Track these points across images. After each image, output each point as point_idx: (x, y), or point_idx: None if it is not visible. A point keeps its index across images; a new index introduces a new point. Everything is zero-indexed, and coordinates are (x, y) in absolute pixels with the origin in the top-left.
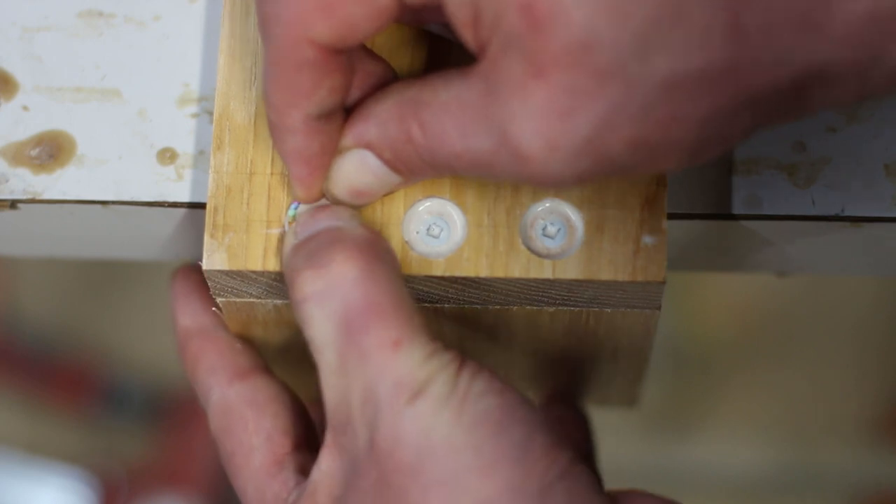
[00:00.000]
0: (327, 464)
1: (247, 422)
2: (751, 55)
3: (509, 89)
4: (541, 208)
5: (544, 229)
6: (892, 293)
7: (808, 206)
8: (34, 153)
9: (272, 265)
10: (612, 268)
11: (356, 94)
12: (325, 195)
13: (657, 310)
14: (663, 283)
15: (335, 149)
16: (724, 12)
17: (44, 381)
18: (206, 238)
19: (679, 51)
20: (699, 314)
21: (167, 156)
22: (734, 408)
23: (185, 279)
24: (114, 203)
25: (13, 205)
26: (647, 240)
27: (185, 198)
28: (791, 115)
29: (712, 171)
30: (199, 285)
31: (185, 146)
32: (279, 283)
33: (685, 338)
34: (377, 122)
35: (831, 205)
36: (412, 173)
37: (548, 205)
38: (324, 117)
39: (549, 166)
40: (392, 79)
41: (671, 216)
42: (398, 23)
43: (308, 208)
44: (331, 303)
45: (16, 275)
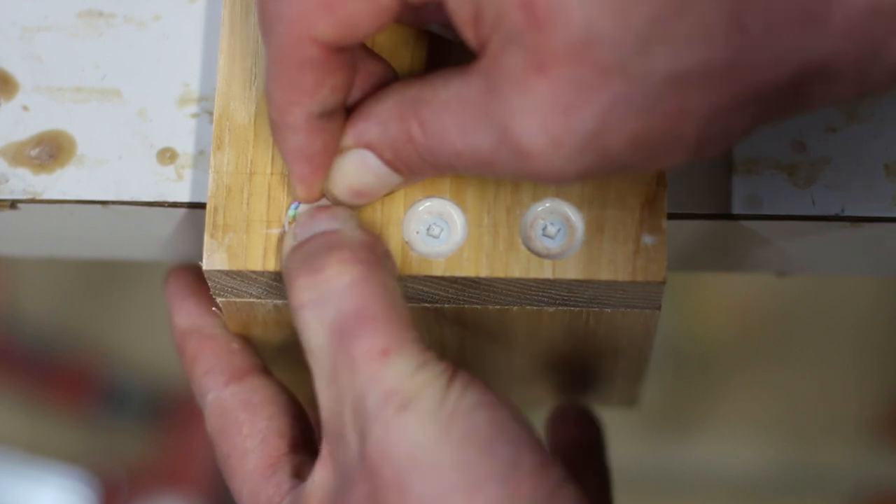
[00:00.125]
0: (321, 475)
1: (241, 424)
2: (752, 51)
3: (510, 85)
4: (541, 208)
5: (544, 229)
6: (892, 293)
7: (808, 206)
8: (34, 153)
9: (272, 265)
10: (612, 268)
11: (357, 93)
12: (325, 195)
13: (657, 310)
14: (663, 283)
15: (336, 148)
16: (725, 8)
17: (44, 381)
18: (206, 238)
19: (681, 47)
20: (699, 314)
21: (167, 156)
22: (734, 408)
23: (179, 280)
24: (114, 203)
25: (13, 205)
26: (647, 240)
27: (185, 198)
28: (792, 111)
29: (712, 171)
30: (194, 285)
31: (185, 146)
32: (279, 283)
33: (685, 338)
34: (378, 121)
35: (831, 205)
36: (413, 173)
37: (548, 205)
38: (326, 116)
39: (551, 162)
40: (393, 78)
41: (671, 216)
42: (399, 22)
43: (308, 209)
44: (324, 310)
45: (16, 275)
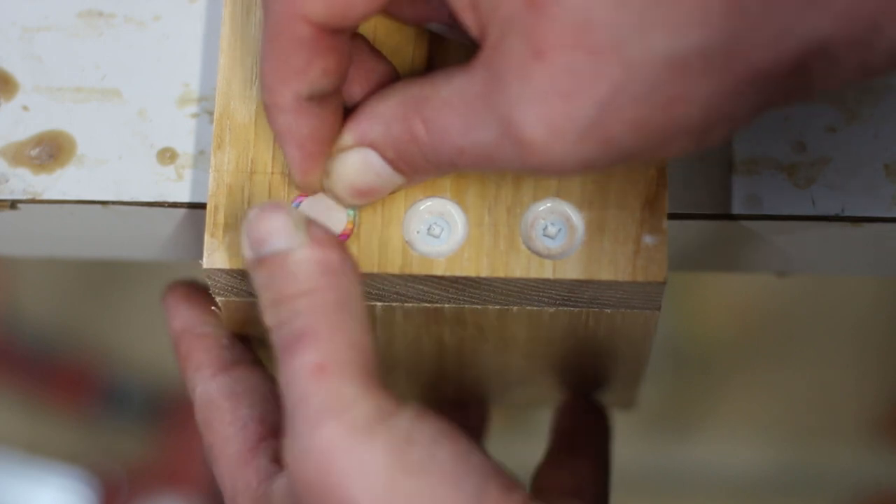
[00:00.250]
0: (280, 480)
1: (224, 412)
2: (751, 31)
3: (511, 73)
4: (541, 208)
5: (545, 229)
6: (892, 293)
7: (808, 206)
8: (34, 153)
9: None
10: (613, 268)
11: (359, 92)
12: (327, 194)
13: (657, 311)
14: (664, 284)
15: (330, 137)
16: None
17: (44, 381)
18: (207, 237)
19: (677, 29)
20: (699, 314)
21: (167, 156)
22: (734, 408)
23: (175, 290)
24: (114, 203)
25: (13, 205)
26: (648, 240)
27: (185, 198)
28: (794, 94)
29: (712, 171)
30: (189, 293)
31: (185, 146)
32: None
33: (685, 338)
34: (381, 121)
35: (831, 205)
36: (415, 173)
37: (548, 205)
38: (315, 99)
39: (552, 152)
40: (395, 78)
41: (671, 216)
42: (398, 16)
43: (268, 205)
44: (281, 331)
45: (16, 275)
